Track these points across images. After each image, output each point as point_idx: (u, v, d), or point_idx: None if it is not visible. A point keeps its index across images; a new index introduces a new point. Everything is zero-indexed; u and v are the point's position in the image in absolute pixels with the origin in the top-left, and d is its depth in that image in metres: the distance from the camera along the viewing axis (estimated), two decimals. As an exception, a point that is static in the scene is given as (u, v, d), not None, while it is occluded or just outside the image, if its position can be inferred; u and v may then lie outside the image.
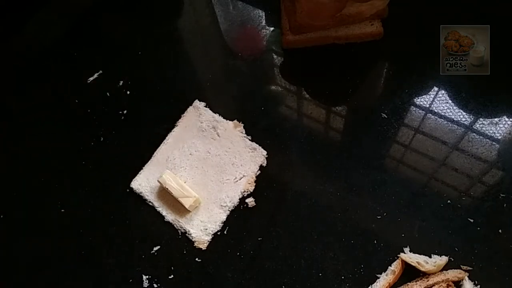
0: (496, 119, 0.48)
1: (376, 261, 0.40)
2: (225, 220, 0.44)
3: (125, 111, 0.52)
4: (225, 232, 0.44)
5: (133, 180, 0.47)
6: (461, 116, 0.48)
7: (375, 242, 0.41)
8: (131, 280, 0.40)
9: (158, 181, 0.45)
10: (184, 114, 0.51)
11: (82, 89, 0.55)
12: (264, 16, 0.59)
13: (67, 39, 0.60)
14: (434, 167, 0.46)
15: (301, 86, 0.53)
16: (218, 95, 0.54)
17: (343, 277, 0.40)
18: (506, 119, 0.48)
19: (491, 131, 0.47)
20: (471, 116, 0.48)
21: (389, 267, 0.40)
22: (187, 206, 0.43)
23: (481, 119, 0.48)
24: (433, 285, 0.38)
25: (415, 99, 0.50)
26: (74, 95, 0.54)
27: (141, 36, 0.59)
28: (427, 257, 0.39)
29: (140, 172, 0.47)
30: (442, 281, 0.38)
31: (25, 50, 0.60)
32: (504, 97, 0.49)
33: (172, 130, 0.50)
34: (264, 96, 0.53)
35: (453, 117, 0.48)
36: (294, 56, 0.55)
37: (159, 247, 0.44)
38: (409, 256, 0.40)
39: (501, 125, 0.47)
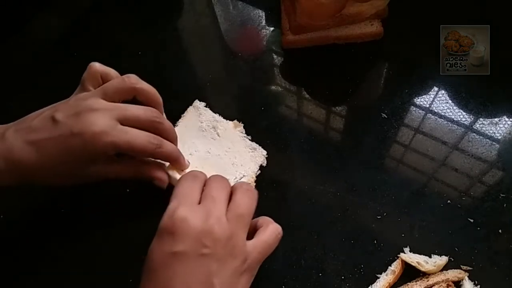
0: (496, 119, 0.48)
1: (376, 261, 0.40)
2: (225, 220, 0.44)
3: (125, 111, 0.52)
4: (225, 232, 0.44)
5: (133, 180, 0.46)
6: (461, 116, 0.48)
7: (375, 242, 0.41)
8: (131, 280, 0.40)
9: (158, 181, 0.45)
10: (184, 114, 0.51)
11: (82, 89, 0.55)
12: (264, 16, 0.59)
13: (67, 39, 0.60)
14: (434, 167, 0.46)
15: (301, 86, 0.53)
16: (218, 95, 0.54)
17: (343, 277, 0.40)
18: (506, 119, 0.48)
19: (491, 131, 0.47)
20: (471, 116, 0.48)
21: (389, 267, 0.40)
22: (187, 206, 0.43)
23: (481, 119, 0.48)
24: (433, 285, 0.38)
25: (415, 99, 0.50)
26: (74, 95, 0.53)
27: (141, 36, 0.59)
28: (427, 257, 0.39)
29: (140, 172, 0.47)
30: (442, 281, 0.38)
31: (25, 50, 0.60)
32: (504, 97, 0.49)
33: (172, 130, 0.50)
34: (264, 96, 0.53)
35: (453, 117, 0.48)
36: (294, 56, 0.55)
37: (159, 247, 0.43)
38: (409, 256, 0.39)
39: (501, 125, 0.47)
